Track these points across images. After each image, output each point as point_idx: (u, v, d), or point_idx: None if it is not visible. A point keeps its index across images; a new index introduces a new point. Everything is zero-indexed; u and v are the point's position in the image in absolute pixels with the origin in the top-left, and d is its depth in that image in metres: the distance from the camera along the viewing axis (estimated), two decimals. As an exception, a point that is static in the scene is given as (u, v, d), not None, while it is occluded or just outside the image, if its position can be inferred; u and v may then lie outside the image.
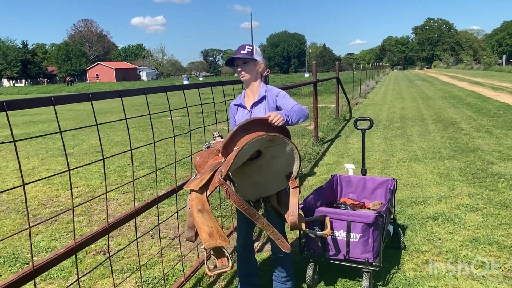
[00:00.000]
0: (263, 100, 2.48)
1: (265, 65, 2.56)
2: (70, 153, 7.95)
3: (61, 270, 3.22)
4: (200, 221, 2.00)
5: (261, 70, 2.52)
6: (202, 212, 2.01)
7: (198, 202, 2.02)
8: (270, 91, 2.52)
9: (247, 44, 2.51)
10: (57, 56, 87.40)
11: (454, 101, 14.87)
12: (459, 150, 6.79)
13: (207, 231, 1.98)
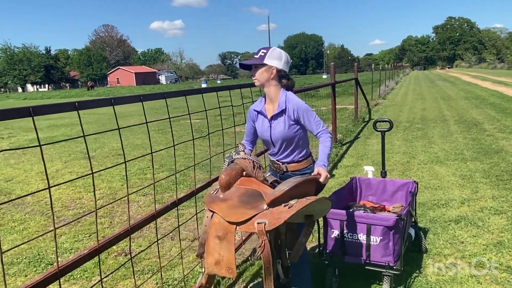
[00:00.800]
0: (283, 113, 2.41)
1: (283, 69, 2.41)
2: (92, 156, 8.12)
3: (84, 271, 3.30)
4: (213, 247, 1.93)
5: (273, 76, 2.38)
6: (220, 240, 1.93)
7: (221, 229, 1.95)
8: (291, 102, 2.40)
9: (263, 48, 2.44)
10: (79, 61, 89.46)
11: (476, 101, 14.53)
12: (482, 151, 6.63)
13: (216, 258, 1.93)
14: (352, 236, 2.64)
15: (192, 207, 4.67)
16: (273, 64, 2.37)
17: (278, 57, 2.39)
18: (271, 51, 2.39)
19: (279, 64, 2.38)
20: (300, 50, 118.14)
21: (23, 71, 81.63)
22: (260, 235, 1.85)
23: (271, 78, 2.39)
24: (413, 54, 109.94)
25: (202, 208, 3.96)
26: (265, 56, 2.37)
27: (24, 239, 4.10)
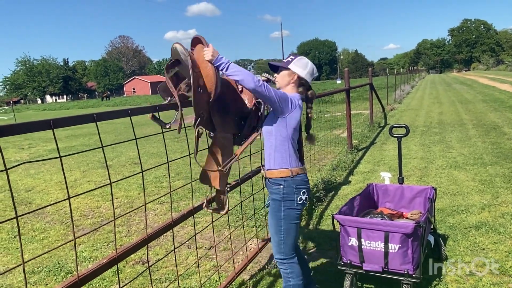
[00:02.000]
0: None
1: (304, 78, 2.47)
2: (110, 165, 8.24)
3: (103, 280, 3.34)
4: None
5: (293, 81, 2.46)
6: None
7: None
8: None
9: (292, 54, 2.57)
10: (95, 72, 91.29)
11: (495, 104, 14.25)
12: (502, 155, 6.49)
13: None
14: (370, 244, 2.61)
15: (208, 215, 4.68)
16: (296, 71, 2.45)
17: (304, 65, 2.47)
18: (298, 59, 2.49)
19: (302, 72, 2.46)
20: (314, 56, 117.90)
21: (42, 83, 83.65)
22: None
23: (291, 82, 2.46)
24: (428, 58, 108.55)
25: (218, 216, 3.97)
26: (292, 62, 2.46)
27: (44, 248, 4.18)
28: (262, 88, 2.19)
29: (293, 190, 2.42)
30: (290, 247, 2.48)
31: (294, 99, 2.40)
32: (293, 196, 2.42)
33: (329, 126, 11.34)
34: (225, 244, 3.93)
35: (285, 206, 2.42)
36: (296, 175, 2.44)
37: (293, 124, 2.40)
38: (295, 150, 2.48)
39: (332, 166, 6.44)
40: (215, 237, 3.51)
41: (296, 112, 2.40)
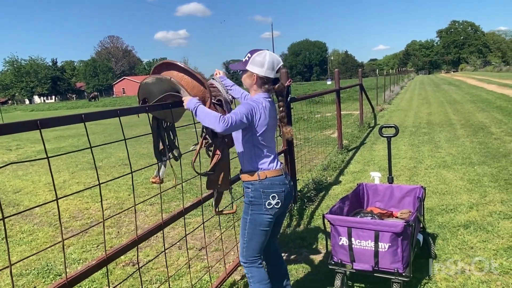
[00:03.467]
0: None
1: (266, 76, 2.30)
2: (99, 166, 8.17)
3: (92, 282, 3.30)
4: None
5: (255, 81, 2.32)
6: None
7: None
8: None
9: (250, 51, 2.35)
10: (85, 72, 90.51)
11: (483, 104, 14.45)
12: (490, 155, 6.58)
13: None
14: (360, 243, 2.63)
15: (199, 216, 4.67)
16: (254, 71, 2.30)
17: (260, 63, 2.29)
18: (253, 57, 2.30)
19: (261, 71, 2.29)
20: (304, 56, 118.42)
21: (30, 83, 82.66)
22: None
23: (253, 84, 2.34)
24: (417, 59, 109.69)
25: (209, 217, 3.97)
26: (248, 61, 2.31)
27: (32, 250, 4.12)
28: (229, 128, 2.11)
29: (261, 194, 2.31)
30: (252, 252, 2.41)
31: (257, 103, 2.26)
32: (261, 201, 2.31)
33: (319, 127, 11.39)
34: (216, 244, 3.92)
35: (252, 210, 2.35)
36: (264, 179, 2.31)
37: (260, 128, 2.27)
38: (267, 152, 2.35)
39: (322, 166, 6.47)
40: (206, 237, 3.50)
41: (262, 116, 2.26)
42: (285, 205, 2.40)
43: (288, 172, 3.99)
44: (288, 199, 2.42)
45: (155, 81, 2.30)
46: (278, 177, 2.35)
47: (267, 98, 2.34)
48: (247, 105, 2.23)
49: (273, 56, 2.32)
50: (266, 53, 2.32)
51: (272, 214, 2.34)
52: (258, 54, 2.30)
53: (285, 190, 2.37)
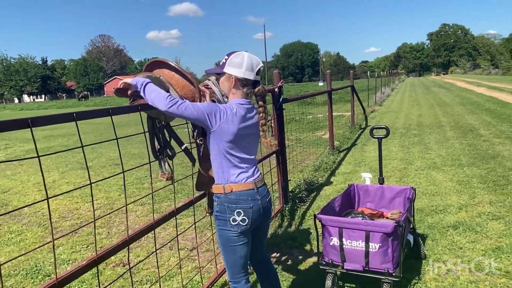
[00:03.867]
0: None
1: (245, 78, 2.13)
2: (90, 166, 8.10)
3: (82, 282, 3.28)
4: None
5: (233, 84, 2.14)
6: None
7: None
8: None
9: (228, 53, 2.19)
10: (75, 71, 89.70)
11: (472, 107, 14.63)
12: (479, 157, 6.66)
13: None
14: (351, 243, 2.64)
15: (190, 216, 4.65)
16: (232, 73, 2.13)
17: (239, 64, 2.11)
18: (230, 58, 2.14)
19: (239, 72, 2.11)
20: (296, 58, 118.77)
21: (19, 82, 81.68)
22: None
23: (232, 87, 2.16)
24: (408, 61, 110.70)
25: (201, 217, 3.95)
26: (226, 63, 2.15)
27: (21, 250, 4.07)
28: (174, 108, 1.96)
29: (225, 209, 2.12)
30: (232, 270, 2.24)
31: (225, 108, 2.07)
32: (225, 216, 2.12)
33: (311, 128, 11.43)
34: (207, 245, 3.91)
35: (218, 226, 2.18)
36: (229, 192, 2.11)
37: (226, 136, 2.07)
38: (238, 163, 2.14)
39: (314, 167, 6.49)
40: (197, 238, 3.49)
41: (229, 122, 2.05)
42: (254, 222, 2.16)
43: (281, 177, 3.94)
44: (259, 216, 2.18)
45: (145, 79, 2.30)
46: (247, 192, 2.13)
47: (243, 105, 2.13)
48: (212, 105, 2.07)
49: (252, 57, 2.16)
50: (244, 54, 2.15)
51: (238, 232, 2.13)
52: (236, 55, 2.14)
53: (254, 207, 2.14)
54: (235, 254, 2.19)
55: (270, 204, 2.29)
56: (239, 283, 2.26)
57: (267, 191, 2.27)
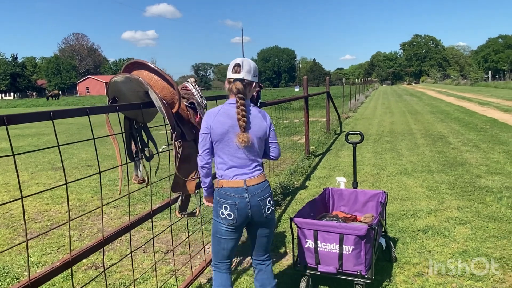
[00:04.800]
0: None
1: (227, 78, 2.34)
2: (61, 167, 7.90)
3: (53, 286, 3.19)
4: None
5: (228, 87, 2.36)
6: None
7: None
8: None
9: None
10: (47, 69, 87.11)
11: (442, 115, 15.13)
12: (447, 163, 6.91)
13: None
14: (326, 246, 2.70)
15: (165, 219, 4.62)
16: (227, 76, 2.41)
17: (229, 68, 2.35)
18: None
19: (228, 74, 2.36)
20: (273, 63, 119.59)
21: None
22: None
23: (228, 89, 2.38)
24: (381, 70, 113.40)
25: (176, 220, 3.94)
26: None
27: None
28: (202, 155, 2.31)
29: (217, 201, 2.32)
30: (214, 257, 2.43)
31: (209, 113, 2.30)
32: (216, 208, 2.32)
33: (287, 132, 11.53)
34: (182, 248, 3.89)
35: (213, 215, 2.39)
36: (220, 187, 2.29)
37: (215, 136, 2.26)
38: (227, 159, 2.28)
39: (290, 171, 6.56)
40: (173, 240, 3.47)
41: (216, 123, 2.24)
42: (241, 219, 2.27)
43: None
44: (247, 214, 2.27)
45: (124, 80, 2.28)
46: (234, 188, 2.25)
47: (230, 104, 2.28)
48: (204, 119, 2.33)
49: (236, 59, 2.31)
50: (234, 60, 2.32)
51: (226, 225, 2.28)
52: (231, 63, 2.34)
53: (240, 204, 2.24)
54: (219, 245, 2.38)
55: (265, 205, 2.32)
56: (218, 269, 2.44)
57: (262, 192, 2.32)
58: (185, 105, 2.57)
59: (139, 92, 2.32)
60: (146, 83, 2.25)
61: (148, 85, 2.25)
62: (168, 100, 2.33)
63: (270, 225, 2.42)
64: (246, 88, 2.29)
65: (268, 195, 2.35)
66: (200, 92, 2.75)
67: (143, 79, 2.25)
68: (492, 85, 45.72)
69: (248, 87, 2.31)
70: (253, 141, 2.28)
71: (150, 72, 2.33)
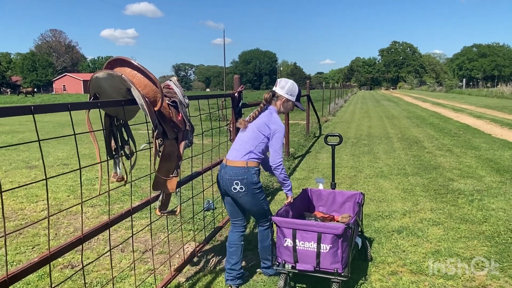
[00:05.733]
0: None
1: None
2: (36, 166, 7.72)
3: (28, 284, 3.13)
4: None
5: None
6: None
7: None
8: None
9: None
10: (22, 66, 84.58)
11: (417, 120, 15.52)
12: (422, 167, 7.10)
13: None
14: (304, 244, 2.75)
15: (144, 219, 4.59)
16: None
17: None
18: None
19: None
20: (255, 65, 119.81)
21: (-43, 74, 75.82)
22: None
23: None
24: (360, 75, 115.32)
25: (155, 218, 3.92)
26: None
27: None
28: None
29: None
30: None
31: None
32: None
33: (267, 134, 11.57)
34: (161, 247, 3.88)
35: None
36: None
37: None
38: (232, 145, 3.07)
39: (269, 173, 6.60)
40: (152, 239, 3.45)
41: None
42: (220, 187, 3.01)
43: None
44: (221, 185, 2.97)
45: (106, 76, 2.27)
46: (220, 164, 3.05)
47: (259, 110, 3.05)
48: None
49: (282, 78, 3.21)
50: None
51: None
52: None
53: (219, 176, 2.99)
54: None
55: (231, 184, 2.86)
56: (231, 226, 3.17)
57: (234, 173, 2.85)
58: (167, 103, 2.58)
59: (121, 89, 2.31)
60: (128, 80, 2.24)
61: (130, 82, 2.24)
62: (151, 98, 2.33)
63: (238, 201, 2.98)
64: (273, 99, 3.04)
65: (237, 179, 2.84)
66: (183, 91, 2.75)
67: (125, 76, 2.25)
68: (466, 92, 47.14)
69: (277, 99, 3.04)
70: (248, 130, 2.95)
71: (133, 70, 2.33)
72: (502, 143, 9.50)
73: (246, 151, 2.87)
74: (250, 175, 2.84)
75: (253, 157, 2.87)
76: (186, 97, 2.76)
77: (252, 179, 2.85)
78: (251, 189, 2.85)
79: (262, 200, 2.95)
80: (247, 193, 2.85)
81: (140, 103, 2.28)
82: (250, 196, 2.87)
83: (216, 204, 4.89)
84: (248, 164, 2.85)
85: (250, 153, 2.87)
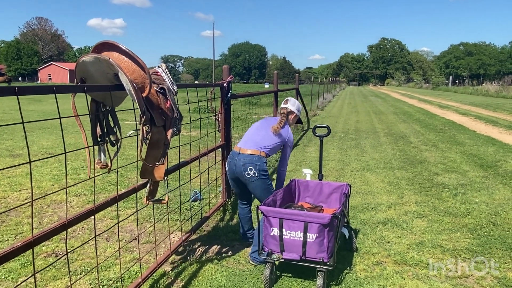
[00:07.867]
0: None
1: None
2: (20, 154, 7.59)
3: (10, 272, 3.09)
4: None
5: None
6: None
7: None
8: None
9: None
10: (6, 54, 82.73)
11: (404, 116, 15.69)
12: (408, 161, 7.19)
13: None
14: (290, 234, 2.76)
15: (129, 208, 4.55)
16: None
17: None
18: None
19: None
20: (244, 59, 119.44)
21: None
22: None
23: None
24: (349, 70, 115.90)
25: (142, 207, 3.89)
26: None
27: None
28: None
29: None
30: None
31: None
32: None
33: (255, 127, 11.57)
34: (147, 237, 3.86)
35: None
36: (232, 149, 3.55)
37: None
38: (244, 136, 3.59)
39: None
40: (138, 229, 3.43)
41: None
42: (230, 173, 3.45)
43: (225, 171, 4.17)
44: (232, 171, 3.40)
45: (93, 60, 2.22)
46: (232, 151, 3.48)
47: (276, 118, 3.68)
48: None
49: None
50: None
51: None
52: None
53: (230, 163, 3.41)
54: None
55: (245, 170, 3.29)
56: (239, 204, 3.77)
57: (248, 160, 3.30)
58: (155, 90, 2.54)
59: (108, 74, 2.27)
60: (116, 65, 2.20)
61: (118, 67, 2.20)
62: (139, 83, 2.29)
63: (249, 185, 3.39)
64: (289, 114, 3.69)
65: (251, 165, 3.29)
66: (171, 78, 2.72)
67: (113, 61, 2.20)
68: (452, 89, 47.80)
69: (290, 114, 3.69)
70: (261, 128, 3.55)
71: (121, 54, 2.28)
72: (486, 139, 9.67)
73: (262, 145, 3.37)
74: (262, 163, 3.32)
75: (266, 150, 3.38)
76: (175, 84, 2.73)
77: (263, 166, 3.32)
78: (261, 175, 3.30)
79: (269, 184, 3.40)
80: (258, 178, 3.30)
81: (127, 89, 2.25)
82: (261, 181, 3.32)
83: (203, 195, 4.88)
84: (261, 154, 3.34)
85: (265, 147, 3.38)
